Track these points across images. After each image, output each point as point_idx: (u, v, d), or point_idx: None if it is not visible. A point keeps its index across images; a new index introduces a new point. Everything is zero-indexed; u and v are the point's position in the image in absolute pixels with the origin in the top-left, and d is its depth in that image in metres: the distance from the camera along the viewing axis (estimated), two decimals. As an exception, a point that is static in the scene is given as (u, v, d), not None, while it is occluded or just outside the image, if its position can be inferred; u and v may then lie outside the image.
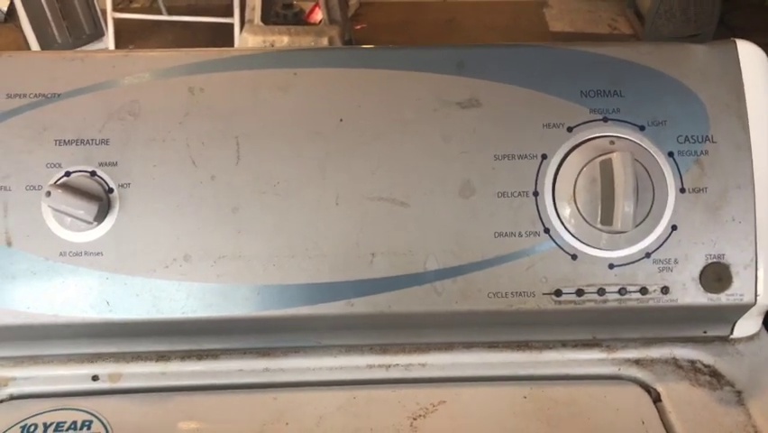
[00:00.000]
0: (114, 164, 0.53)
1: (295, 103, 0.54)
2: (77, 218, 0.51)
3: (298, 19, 3.00)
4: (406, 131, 0.54)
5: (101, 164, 0.53)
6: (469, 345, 0.57)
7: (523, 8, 3.47)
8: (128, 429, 0.51)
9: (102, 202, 0.51)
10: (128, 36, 3.06)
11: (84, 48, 2.99)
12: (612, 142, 0.52)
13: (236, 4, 2.76)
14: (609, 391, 0.54)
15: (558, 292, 0.53)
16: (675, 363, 0.56)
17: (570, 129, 0.53)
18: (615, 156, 0.49)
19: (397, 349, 0.56)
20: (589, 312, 0.53)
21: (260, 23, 2.73)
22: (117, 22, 2.81)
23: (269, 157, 0.53)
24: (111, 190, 0.52)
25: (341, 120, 0.54)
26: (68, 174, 0.52)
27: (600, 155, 0.51)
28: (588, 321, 0.56)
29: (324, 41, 2.68)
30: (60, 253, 0.52)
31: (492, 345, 0.57)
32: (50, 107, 0.53)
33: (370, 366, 0.56)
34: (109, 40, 2.84)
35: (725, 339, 0.57)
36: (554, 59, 0.55)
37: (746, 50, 0.55)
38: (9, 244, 0.51)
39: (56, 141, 0.53)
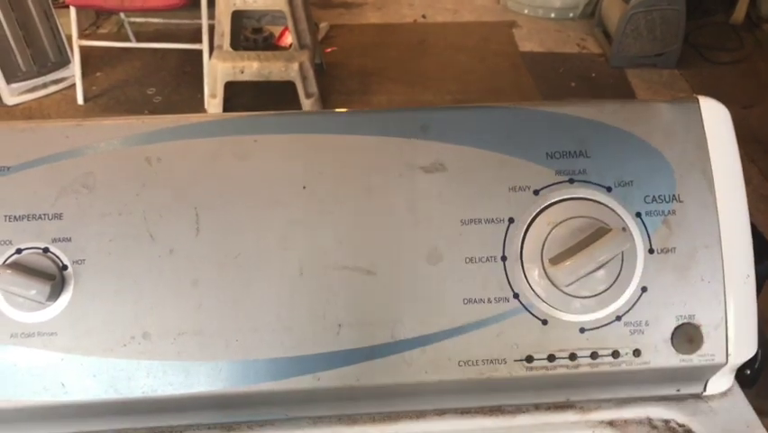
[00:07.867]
0: (68, 240, 0.51)
1: (255, 171, 0.52)
2: (28, 299, 0.49)
3: (268, 44, 2.99)
4: (370, 197, 0.52)
5: (54, 240, 0.50)
6: (441, 413, 0.55)
7: (493, 28, 3.50)
8: None
9: (55, 281, 0.49)
10: (95, 63, 3.02)
11: (50, 75, 2.94)
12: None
13: (205, 30, 2.72)
14: (584, 455, 0.53)
15: (529, 358, 0.52)
16: (650, 423, 0.55)
17: (536, 192, 0.53)
18: (615, 231, 0.49)
19: (366, 419, 0.55)
20: (561, 377, 0.52)
21: (230, 49, 2.71)
22: (84, 49, 2.76)
23: (229, 228, 0.51)
24: (65, 267, 0.50)
25: (303, 187, 0.52)
26: (19, 252, 0.50)
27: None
28: (561, 385, 0.55)
29: (295, 66, 2.67)
30: (12, 335, 0.49)
31: (465, 412, 0.55)
32: (0, 181, 0.51)
33: (340, 438, 0.54)
34: (75, 68, 2.79)
35: (698, 397, 0.57)
36: (519, 121, 0.54)
37: (709, 108, 0.55)
38: (-44, 327, 0.49)
39: (6, 216, 0.50)
